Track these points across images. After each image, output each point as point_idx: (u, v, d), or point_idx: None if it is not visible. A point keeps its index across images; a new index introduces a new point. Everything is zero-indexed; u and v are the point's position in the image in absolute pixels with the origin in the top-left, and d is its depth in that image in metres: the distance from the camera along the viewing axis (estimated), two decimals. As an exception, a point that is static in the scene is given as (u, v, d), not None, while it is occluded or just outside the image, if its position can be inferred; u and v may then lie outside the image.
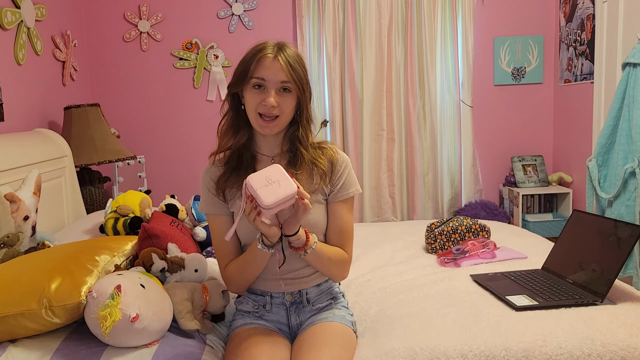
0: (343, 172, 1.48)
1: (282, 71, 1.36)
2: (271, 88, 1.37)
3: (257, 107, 1.38)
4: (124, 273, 1.40)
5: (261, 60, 1.37)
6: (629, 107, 2.57)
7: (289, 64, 1.36)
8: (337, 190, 1.47)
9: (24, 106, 2.78)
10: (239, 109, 1.46)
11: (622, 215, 2.55)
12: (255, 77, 1.37)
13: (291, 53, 1.39)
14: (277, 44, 1.40)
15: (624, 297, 1.61)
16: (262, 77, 1.37)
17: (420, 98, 3.84)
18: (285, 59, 1.36)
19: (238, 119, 1.46)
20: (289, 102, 1.39)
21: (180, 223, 2.15)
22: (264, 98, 1.37)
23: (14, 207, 1.83)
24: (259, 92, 1.38)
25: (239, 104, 1.46)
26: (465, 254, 2.07)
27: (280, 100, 1.38)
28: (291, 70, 1.36)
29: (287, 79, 1.36)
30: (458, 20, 3.80)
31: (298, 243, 1.37)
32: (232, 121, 1.47)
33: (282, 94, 1.38)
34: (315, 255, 1.41)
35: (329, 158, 1.48)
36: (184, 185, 3.75)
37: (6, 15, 2.55)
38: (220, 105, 1.50)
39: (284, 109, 1.39)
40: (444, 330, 1.43)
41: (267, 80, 1.37)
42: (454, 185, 3.94)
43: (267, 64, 1.36)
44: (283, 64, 1.35)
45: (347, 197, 1.48)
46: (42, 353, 1.29)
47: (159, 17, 3.76)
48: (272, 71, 1.36)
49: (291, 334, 1.50)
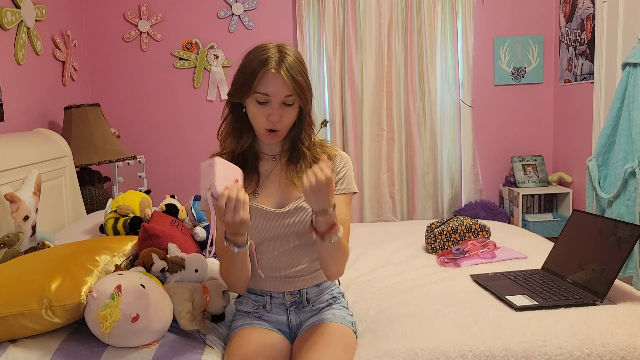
0: (344, 167, 1.48)
1: (285, 86, 1.35)
2: (275, 102, 1.36)
3: (263, 122, 1.38)
4: (124, 273, 1.40)
5: (264, 76, 1.34)
6: (629, 107, 2.57)
7: (292, 77, 1.34)
8: (336, 184, 1.45)
9: (24, 106, 2.78)
10: (240, 113, 1.45)
11: (622, 215, 2.55)
12: (259, 93, 1.36)
13: (292, 61, 1.36)
14: (278, 51, 1.36)
15: (624, 297, 1.61)
16: (266, 92, 1.35)
17: (420, 98, 3.84)
18: (287, 72, 1.34)
19: (239, 123, 1.46)
20: (292, 113, 1.40)
21: (180, 223, 2.14)
22: (270, 113, 1.36)
23: (14, 207, 1.83)
24: (262, 107, 1.37)
25: (239, 107, 1.45)
26: (465, 254, 2.07)
27: (283, 112, 1.38)
28: (294, 83, 1.35)
29: (290, 93, 1.36)
30: (458, 20, 3.80)
31: (324, 225, 1.30)
32: (233, 125, 1.47)
33: (285, 107, 1.38)
34: (336, 246, 1.34)
35: (328, 154, 1.49)
36: (184, 185, 3.75)
37: (6, 15, 2.55)
38: (223, 108, 1.49)
39: (287, 120, 1.40)
40: (444, 331, 1.44)
41: (271, 96, 1.36)
42: (454, 185, 3.94)
43: (270, 79, 1.34)
44: (286, 78, 1.34)
45: (346, 192, 1.47)
46: (42, 353, 1.29)
47: (159, 17, 3.76)
48: (275, 86, 1.35)
49: (291, 334, 1.50)
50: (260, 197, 1.44)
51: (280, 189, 1.45)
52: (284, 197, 1.45)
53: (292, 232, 1.43)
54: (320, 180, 1.22)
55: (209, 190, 1.19)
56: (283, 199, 1.45)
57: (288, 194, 1.44)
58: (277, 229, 1.43)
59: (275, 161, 1.49)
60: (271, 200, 1.44)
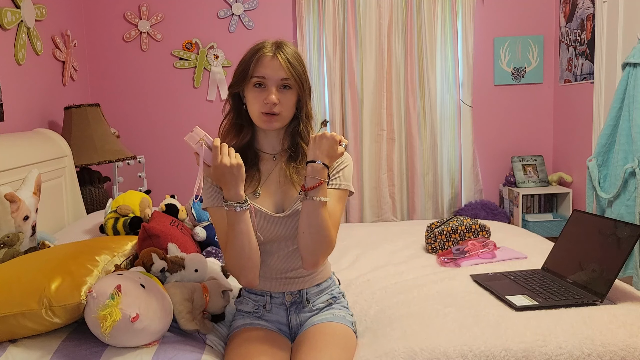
0: (342, 164, 1.47)
1: (281, 68, 1.37)
2: (272, 86, 1.38)
3: (259, 106, 1.39)
4: (124, 273, 1.40)
5: (260, 59, 1.38)
6: (629, 107, 2.57)
7: (288, 61, 1.38)
8: (332, 178, 1.44)
9: (24, 106, 2.78)
10: (241, 109, 1.47)
11: (622, 215, 2.55)
12: (256, 76, 1.39)
13: (290, 51, 1.40)
14: (275, 43, 1.41)
15: (624, 297, 1.61)
16: (262, 75, 1.38)
17: (420, 98, 3.84)
18: (284, 56, 1.38)
19: (240, 119, 1.47)
20: (289, 98, 1.41)
21: (180, 223, 2.14)
22: (266, 96, 1.38)
23: (14, 207, 1.83)
24: (260, 91, 1.39)
25: (240, 103, 1.47)
26: (465, 254, 2.07)
27: (281, 96, 1.39)
28: (290, 67, 1.38)
29: (287, 76, 1.38)
30: (458, 20, 3.80)
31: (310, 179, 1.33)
32: (234, 121, 1.48)
33: (283, 91, 1.40)
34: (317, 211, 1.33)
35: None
36: (184, 185, 3.75)
37: (6, 15, 2.55)
38: (222, 105, 1.50)
39: (285, 105, 1.40)
40: (444, 331, 1.43)
41: (267, 79, 1.38)
42: (454, 185, 3.94)
43: (267, 63, 1.38)
44: (282, 62, 1.37)
45: (340, 188, 1.45)
46: (42, 353, 1.29)
47: (159, 17, 3.76)
48: (272, 69, 1.38)
49: (291, 334, 1.50)
50: (261, 197, 1.44)
51: (281, 189, 1.45)
52: (284, 198, 1.45)
53: (292, 234, 1.42)
54: (325, 134, 1.34)
55: (203, 141, 1.29)
56: (283, 200, 1.45)
57: (288, 194, 1.44)
58: (278, 232, 1.43)
59: (276, 160, 1.49)
60: (272, 201, 1.44)
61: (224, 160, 1.27)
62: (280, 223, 1.42)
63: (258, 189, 1.45)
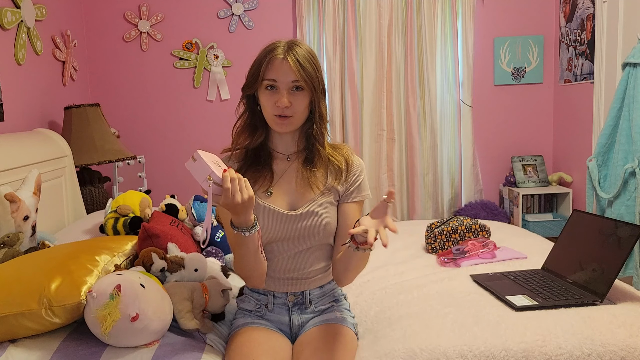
0: (360, 174, 1.49)
1: (291, 71, 1.36)
2: (283, 88, 1.38)
3: (272, 108, 1.39)
4: (124, 273, 1.40)
5: (271, 61, 1.37)
6: (629, 107, 2.57)
7: (299, 62, 1.36)
8: (352, 191, 1.47)
9: (24, 106, 2.78)
10: (255, 110, 1.47)
11: (622, 215, 2.55)
12: (267, 79, 1.38)
13: (301, 52, 1.38)
14: (287, 43, 1.40)
15: (624, 297, 1.61)
16: (273, 78, 1.37)
17: (420, 98, 3.84)
18: (294, 58, 1.36)
19: (254, 119, 1.47)
20: (301, 100, 1.40)
21: (180, 223, 2.15)
22: (277, 99, 1.37)
23: (14, 207, 1.83)
24: (272, 94, 1.39)
25: (254, 104, 1.46)
26: (465, 254, 2.07)
27: (292, 99, 1.38)
28: (301, 69, 1.36)
29: (297, 78, 1.37)
30: (458, 20, 3.80)
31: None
32: (248, 121, 1.47)
33: (295, 93, 1.39)
34: (364, 257, 1.37)
35: (345, 157, 1.49)
36: (184, 185, 3.74)
37: (6, 15, 2.55)
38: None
39: (297, 107, 1.39)
40: (444, 331, 1.44)
41: (278, 81, 1.37)
42: (454, 185, 3.94)
43: (277, 65, 1.37)
44: (292, 64, 1.36)
45: (360, 200, 1.49)
46: (42, 353, 1.29)
47: (159, 17, 3.76)
48: (282, 72, 1.37)
49: (292, 334, 1.50)
50: (273, 196, 1.44)
51: (295, 189, 1.45)
52: (298, 199, 1.44)
53: (302, 235, 1.43)
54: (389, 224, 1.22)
55: (210, 179, 1.18)
56: (296, 200, 1.44)
57: (302, 196, 1.44)
58: (287, 232, 1.42)
59: (290, 161, 1.48)
60: (284, 201, 1.44)
61: (237, 199, 1.19)
62: (291, 221, 1.42)
63: (270, 188, 1.44)
